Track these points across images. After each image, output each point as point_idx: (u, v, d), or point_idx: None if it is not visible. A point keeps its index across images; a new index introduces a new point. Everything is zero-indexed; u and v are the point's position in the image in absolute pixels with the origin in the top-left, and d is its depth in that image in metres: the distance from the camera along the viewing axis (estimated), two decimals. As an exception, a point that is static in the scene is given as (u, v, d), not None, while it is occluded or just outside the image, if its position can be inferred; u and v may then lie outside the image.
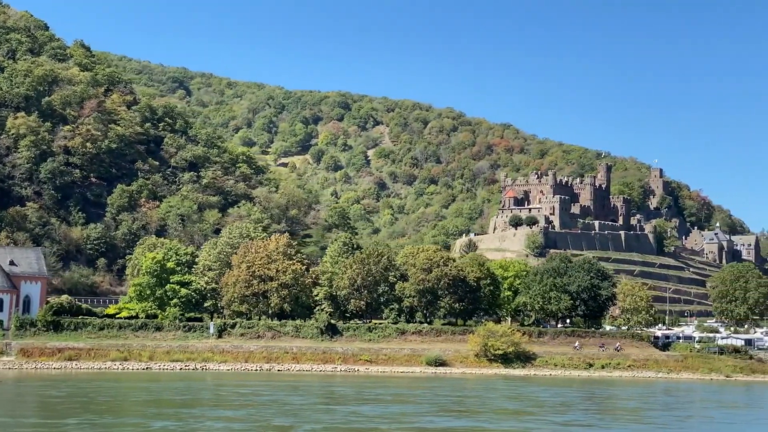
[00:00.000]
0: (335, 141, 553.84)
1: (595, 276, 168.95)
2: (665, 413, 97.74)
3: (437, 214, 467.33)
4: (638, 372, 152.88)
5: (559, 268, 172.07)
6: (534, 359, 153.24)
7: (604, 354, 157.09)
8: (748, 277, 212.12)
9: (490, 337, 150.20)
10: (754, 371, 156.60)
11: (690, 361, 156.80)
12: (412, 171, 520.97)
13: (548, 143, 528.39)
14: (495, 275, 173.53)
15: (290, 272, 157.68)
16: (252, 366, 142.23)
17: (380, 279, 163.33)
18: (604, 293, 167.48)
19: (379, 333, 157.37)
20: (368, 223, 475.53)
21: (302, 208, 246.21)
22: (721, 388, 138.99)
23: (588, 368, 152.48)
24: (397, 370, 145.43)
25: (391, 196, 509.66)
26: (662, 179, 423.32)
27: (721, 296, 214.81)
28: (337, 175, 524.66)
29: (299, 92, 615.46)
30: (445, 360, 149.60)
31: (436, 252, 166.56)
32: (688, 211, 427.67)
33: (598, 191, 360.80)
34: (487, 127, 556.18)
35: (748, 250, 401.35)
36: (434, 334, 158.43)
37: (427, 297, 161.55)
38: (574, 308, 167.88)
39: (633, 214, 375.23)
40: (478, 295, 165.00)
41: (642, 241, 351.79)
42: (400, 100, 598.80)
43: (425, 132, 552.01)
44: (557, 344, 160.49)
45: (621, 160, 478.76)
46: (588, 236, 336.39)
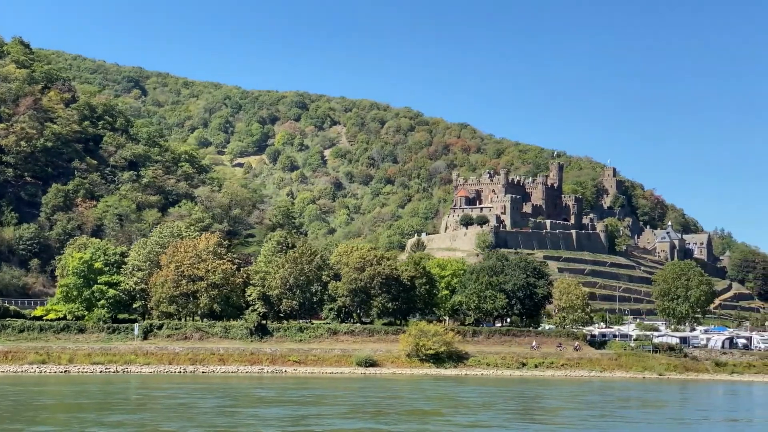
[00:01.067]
0: (292, 141, 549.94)
1: (531, 274, 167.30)
2: (583, 412, 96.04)
3: (393, 214, 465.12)
4: (571, 371, 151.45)
5: (496, 266, 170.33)
6: (467, 359, 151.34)
7: (538, 353, 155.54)
8: (689, 275, 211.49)
9: (421, 337, 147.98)
10: (688, 369, 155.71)
11: (624, 360, 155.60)
12: (368, 171, 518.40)
13: (505, 143, 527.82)
14: (431, 274, 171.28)
15: (220, 272, 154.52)
16: (176, 368, 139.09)
17: (313, 278, 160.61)
18: (540, 292, 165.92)
19: (311, 333, 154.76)
20: (324, 223, 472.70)
21: (246, 208, 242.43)
22: (651, 386, 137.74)
23: (521, 367, 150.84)
24: (326, 371, 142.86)
25: (348, 196, 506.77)
26: (615, 178, 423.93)
27: (663, 294, 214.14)
28: (293, 175, 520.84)
29: (256, 92, 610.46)
30: (376, 360, 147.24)
31: (369, 251, 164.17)
32: (641, 210, 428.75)
33: (550, 190, 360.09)
34: (444, 126, 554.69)
35: (701, 249, 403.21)
36: (367, 334, 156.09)
37: (360, 296, 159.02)
38: (510, 307, 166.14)
39: (586, 213, 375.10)
40: (412, 294, 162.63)
41: (593, 240, 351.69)
42: (357, 100, 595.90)
43: (382, 132, 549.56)
44: (492, 344, 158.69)
45: (576, 160, 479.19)
46: (539, 235, 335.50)
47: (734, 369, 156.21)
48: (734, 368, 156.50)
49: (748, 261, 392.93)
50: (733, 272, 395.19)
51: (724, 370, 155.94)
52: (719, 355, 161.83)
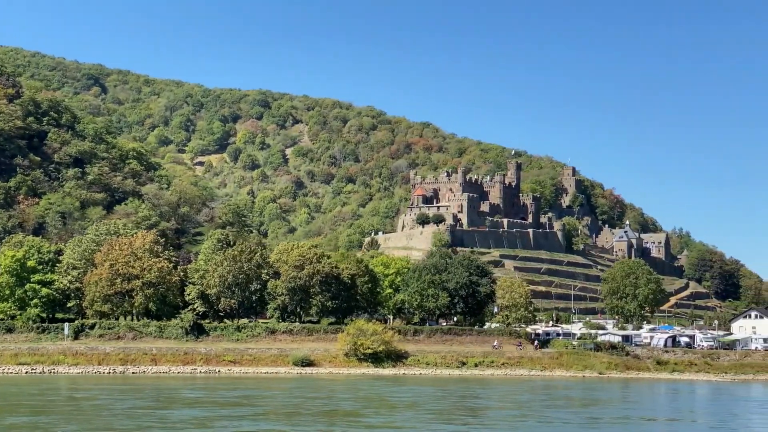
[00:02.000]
0: (253, 139, 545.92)
1: (474, 272, 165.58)
2: (507, 412, 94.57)
3: (354, 213, 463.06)
4: (511, 370, 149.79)
5: (439, 264, 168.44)
6: (406, 358, 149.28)
7: (479, 351, 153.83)
8: (638, 273, 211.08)
9: (360, 337, 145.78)
10: (629, 368, 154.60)
11: (565, 359, 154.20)
12: (330, 170, 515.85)
13: (467, 142, 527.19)
14: (374, 272, 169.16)
15: (155, 270, 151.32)
16: (105, 368, 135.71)
17: (253, 277, 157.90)
18: (483, 290, 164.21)
19: (249, 333, 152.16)
20: (284, 222, 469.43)
21: (195, 206, 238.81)
22: (588, 385, 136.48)
23: (461, 367, 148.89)
24: (261, 372, 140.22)
25: (309, 195, 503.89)
26: (575, 178, 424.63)
27: (612, 293, 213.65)
28: (254, 174, 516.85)
29: (219, 90, 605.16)
30: (313, 360, 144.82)
31: (309, 249, 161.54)
32: (600, 210, 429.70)
33: (508, 189, 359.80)
34: (406, 125, 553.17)
35: (658, 248, 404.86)
36: (306, 334, 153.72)
37: (300, 295, 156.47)
38: (453, 305, 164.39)
39: (545, 212, 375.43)
40: (353, 292, 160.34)
41: (551, 239, 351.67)
42: (320, 99, 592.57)
43: (344, 131, 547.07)
44: (433, 343, 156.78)
45: (537, 159, 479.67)
46: (496, 234, 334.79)
47: (675, 367, 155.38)
48: (675, 366, 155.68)
49: (705, 260, 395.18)
50: (691, 271, 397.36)
51: (665, 369, 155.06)
52: (661, 353, 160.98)
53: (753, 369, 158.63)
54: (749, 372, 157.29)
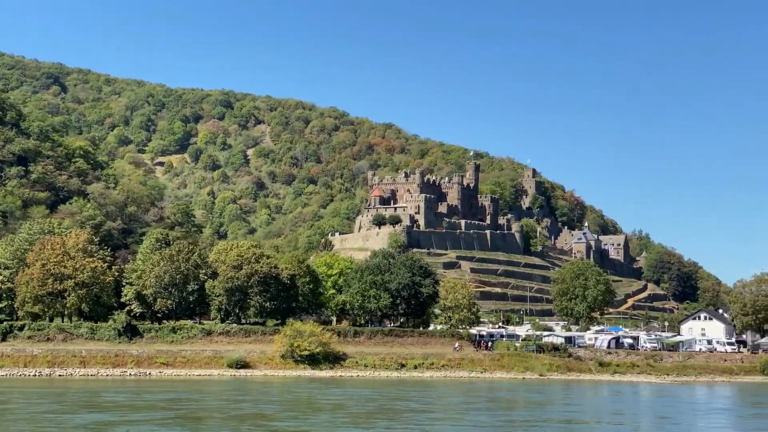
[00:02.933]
0: (215, 140, 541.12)
1: (416, 273, 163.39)
2: (424, 415, 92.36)
3: (315, 214, 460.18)
4: (452, 372, 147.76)
5: (382, 265, 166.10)
6: (344, 360, 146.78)
7: (420, 353, 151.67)
8: (587, 274, 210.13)
9: (296, 338, 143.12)
10: (571, 369, 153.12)
11: (506, 360, 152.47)
12: (291, 171, 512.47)
13: (429, 143, 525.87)
14: (315, 273, 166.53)
15: (89, 270, 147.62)
16: (31, 371, 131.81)
17: (191, 277, 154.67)
18: (425, 291, 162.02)
19: (184, 334, 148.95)
20: (244, 223, 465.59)
21: (143, 205, 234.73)
22: (525, 386, 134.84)
23: (400, 369, 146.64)
24: (193, 374, 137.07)
25: (270, 196, 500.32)
26: (535, 179, 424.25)
27: (562, 294, 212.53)
28: (214, 175, 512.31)
29: (181, 90, 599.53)
30: (248, 362, 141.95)
31: (248, 249, 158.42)
32: (560, 211, 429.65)
33: (466, 190, 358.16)
34: (369, 126, 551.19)
35: (617, 250, 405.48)
36: (243, 335, 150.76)
37: (237, 296, 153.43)
38: (395, 306, 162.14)
39: (504, 214, 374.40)
40: (293, 293, 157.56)
41: (509, 241, 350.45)
42: (283, 99, 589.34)
43: (306, 131, 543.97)
44: (373, 344, 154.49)
45: (498, 161, 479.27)
46: (453, 235, 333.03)
47: (617, 369, 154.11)
48: (617, 368, 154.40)
49: (664, 262, 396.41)
50: (649, 273, 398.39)
51: (607, 370, 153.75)
52: (604, 355, 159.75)
53: (695, 370, 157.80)
54: (691, 373, 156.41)
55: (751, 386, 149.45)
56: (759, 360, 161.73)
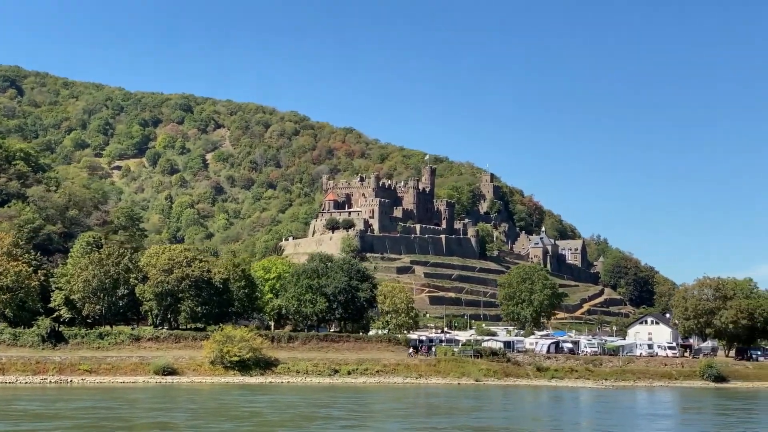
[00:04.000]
0: (173, 144, 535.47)
1: (354, 277, 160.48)
2: (335, 422, 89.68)
3: (273, 219, 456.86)
4: (386, 377, 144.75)
5: (319, 269, 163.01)
6: (276, 366, 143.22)
7: (354, 358, 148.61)
8: (534, 278, 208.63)
9: (226, 343, 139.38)
10: (508, 374, 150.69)
11: (443, 365, 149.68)
12: (250, 175, 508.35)
13: (389, 148, 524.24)
14: (251, 277, 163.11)
15: (12, 274, 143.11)
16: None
17: (121, 281, 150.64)
18: (362, 295, 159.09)
19: (111, 340, 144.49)
20: (202, 228, 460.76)
21: (85, 209, 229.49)
22: (456, 392, 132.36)
23: (333, 374, 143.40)
24: (117, 381, 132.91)
25: (228, 201, 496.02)
26: (493, 184, 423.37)
27: (508, 298, 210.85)
28: (172, 179, 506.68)
29: (140, 94, 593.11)
30: (176, 368, 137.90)
31: (180, 252, 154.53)
32: (518, 216, 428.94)
33: (422, 195, 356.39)
34: (329, 131, 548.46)
35: (575, 255, 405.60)
36: (173, 341, 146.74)
37: (168, 300, 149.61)
38: (332, 311, 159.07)
39: (461, 218, 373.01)
40: (226, 298, 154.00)
41: (464, 245, 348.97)
42: (244, 103, 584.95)
43: (266, 135, 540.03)
44: (307, 350, 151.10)
45: (458, 165, 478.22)
46: (408, 240, 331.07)
47: (555, 374, 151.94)
48: (555, 373, 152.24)
49: (620, 267, 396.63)
50: (606, 278, 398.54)
51: (545, 375, 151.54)
52: (543, 359, 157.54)
53: (634, 375, 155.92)
54: (629, 378, 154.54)
55: (690, 391, 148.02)
56: (699, 364, 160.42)
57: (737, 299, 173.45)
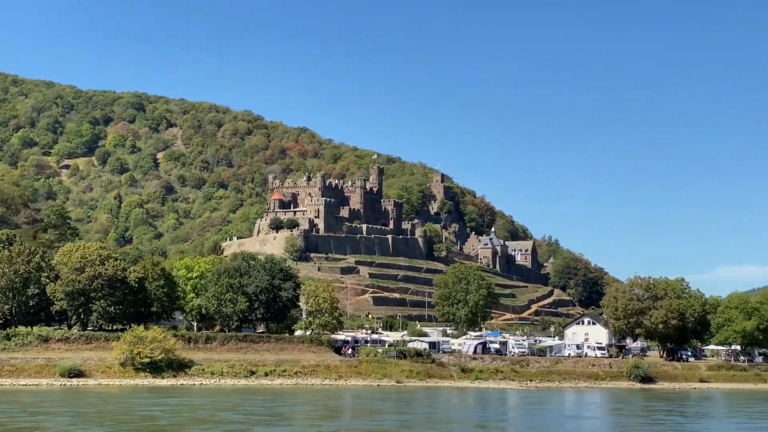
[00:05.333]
0: (124, 143, 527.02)
1: (276, 276, 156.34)
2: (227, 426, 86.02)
3: (224, 219, 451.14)
4: (304, 379, 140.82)
5: (241, 267, 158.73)
6: (189, 367, 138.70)
7: (273, 360, 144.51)
8: (469, 278, 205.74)
9: (137, 344, 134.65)
10: (431, 376, 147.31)
11: (364, 367, 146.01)
12: (202, 175, 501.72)
13: (343, 148, 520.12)
14: (171, 276, 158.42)
15: None
16: None
17: (31, 280, 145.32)
18: (285, 295, 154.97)
19: (18, 341, 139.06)
20: (151, 228, 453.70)
21: (13, 207, 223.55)
22: (375, 394, 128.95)
23: (249, 376, 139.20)
24: (20, 383, 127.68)
25: (179, 200, 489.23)
26: (444, 184, 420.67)
27: (444, 299, 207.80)
28: (122, 178, 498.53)
29: (91, 92, 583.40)
30: (83, 370, 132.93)
31: (94, 250, 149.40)
32: (469, 217, 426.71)
33: (370, 195, 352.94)
34: (283, 130, 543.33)
35: (525, 256, 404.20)
36: (84, 342, 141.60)
37: (80, 300, 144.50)
38: (253, 311, 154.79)
39: (411, 219, 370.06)
40: (140, 297, 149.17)
41: (411, 246, 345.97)
42: (197, 102, 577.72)
43: (219, 135, 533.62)
44: (225, 351, 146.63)
45: (410, 166, 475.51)
46: (353, 240, 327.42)
47: (479, 375, 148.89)
48: (480, 374, 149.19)
49: (570, 268, 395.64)
50: (556, 278, 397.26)
51: (469, 377, 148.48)
52: (469, 360, 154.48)
53: (560, 376, 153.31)
54: (555, 379, 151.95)
55: (614, 392, 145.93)
56: (626, 365, 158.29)
57: (668, 299, 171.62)
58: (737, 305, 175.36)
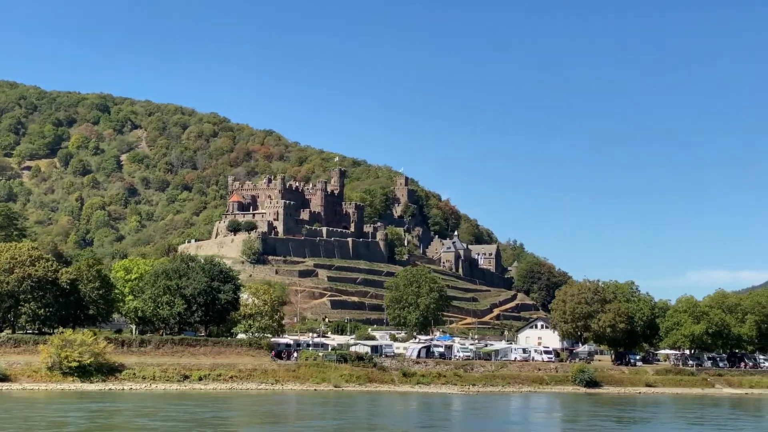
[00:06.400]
0: (87, 144, 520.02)
1: (216, 278, 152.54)
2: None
3: (187, 221, 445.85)
4: (239, 384, 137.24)
5: (180, 269, 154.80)
6: (121, 372, 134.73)
7: (208, 363, 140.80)
8: (421, 281, 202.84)
9: (65, 348, 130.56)
10: (372, 380, 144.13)
11: (302, 371, 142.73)
12: (165, 177, 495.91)
13: (309, 150, 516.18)
14: (107, 278, 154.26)
15: None
16: None
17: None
18: (224, 297, 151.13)
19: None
20: (113, 230, 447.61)
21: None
22: (311, 399, 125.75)
23: (183, 380, 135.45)
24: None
25: (142, 203, 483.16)
26: (408, 187, 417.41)
27: (395, 302, 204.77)
28: (84, 180, 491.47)
29: (55, 93, 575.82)
30: (8, 374, 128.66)
31: (26, 251, 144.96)
32: (433, 220, 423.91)
33: (330, 197, 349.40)
34: (249, 133, 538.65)
35: (489, 259, 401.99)
36: (12, 345, 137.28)
37: (8, 302, 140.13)
38: (191, 314, 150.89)
39: (374, 222, 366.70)
40: (72, 299, 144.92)
41: (372, 249, 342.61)
42: (163, 104, 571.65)
43: (184, 137, 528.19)
44: (160, 354, 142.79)
45: (375, 169, 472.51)
46: (313, 243, 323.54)
47: (421, 379, 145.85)
48: (422, 378, 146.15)
49: (534, 272, 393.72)
50: (519, 282, 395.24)
51: (410, 381, 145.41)
52: (412, 364, 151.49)
53: (504, 380, 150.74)
54: (499, 384, 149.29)
55: (560, 397, 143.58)
56: (571, 369, 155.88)
57: (616, 302, 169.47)
58: (686, 309, 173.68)
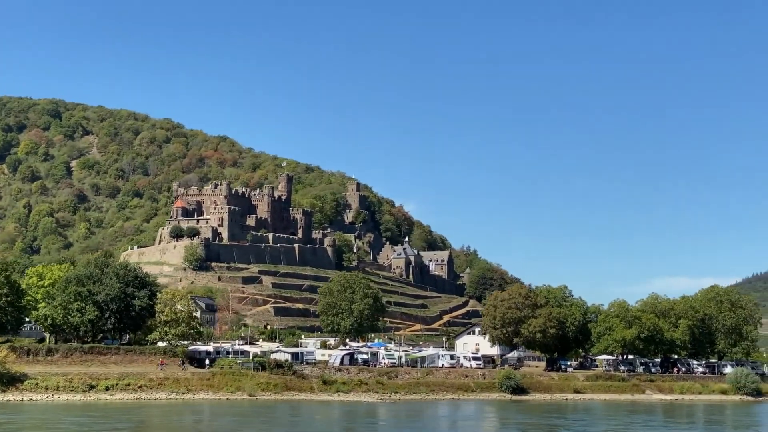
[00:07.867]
0: (36, 150, 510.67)
1: (130, 284, 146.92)
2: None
3: (137, 228, 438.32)
4: (148, 393, 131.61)
5: (93, 274, 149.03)
6: (22, 381, 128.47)
7: (117, 373, 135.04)
8: (355, 287, 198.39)
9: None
10: (290, 388, 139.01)
11: (217, 379, 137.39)
12: (116, 183, 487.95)
13: (263, 156, 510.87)
14: (17, 284, 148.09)
15: None
16: None
17: None
18: (139, 303, 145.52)
19: None
20: (60, 237, 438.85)
21: None
22: (219, 409, 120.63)
23: (88, 390, 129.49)
24: None
25: (92, 210, 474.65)
26: (359, 193, 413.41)
27: (329, 308, 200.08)
28: (33, 186, 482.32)
29: (6, 98, 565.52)
30: None
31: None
32: (385, 226, 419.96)
33: (278, 203, 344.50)
34: (202, 139, 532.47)
35: (441, 266, 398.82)
36: None
37: None
38: (104, 321, 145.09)
39: (324, 228, 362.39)
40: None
41: (320, 255, 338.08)
42: (115, 110, 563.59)
43: (136, 143, 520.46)
44: (69, 363, 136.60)
45: (328, 174, 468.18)
46: (258, 249, 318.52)
47: (341, 387, 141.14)
48: (342, 386, 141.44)
49: (486, 278, 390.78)
50: (471, 289, 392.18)
51: (330, 389, 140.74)
52: (333, 372, 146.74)
53: (428, 388, 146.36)
54: (422, 391, 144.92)
55: (485, 404, 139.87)
56: (497, 376, 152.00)
57: (547, 307, 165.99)
58: (618, 314, 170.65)
